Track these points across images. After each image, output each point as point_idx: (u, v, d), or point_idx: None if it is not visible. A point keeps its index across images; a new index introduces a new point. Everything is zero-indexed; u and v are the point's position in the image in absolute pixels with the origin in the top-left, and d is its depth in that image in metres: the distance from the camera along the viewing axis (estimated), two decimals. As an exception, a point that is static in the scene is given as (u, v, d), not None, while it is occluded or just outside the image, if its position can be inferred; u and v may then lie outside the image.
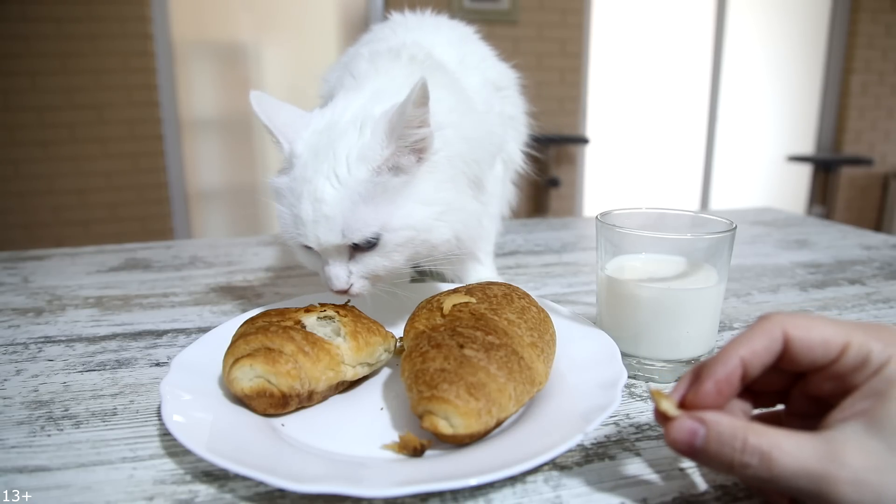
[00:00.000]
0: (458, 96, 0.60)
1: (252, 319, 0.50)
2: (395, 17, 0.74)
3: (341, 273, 0.53)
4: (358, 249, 0.53)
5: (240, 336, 0.48)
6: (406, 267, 0.55)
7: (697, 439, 0.32)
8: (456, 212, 0.54)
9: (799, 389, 0.37)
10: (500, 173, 0.76)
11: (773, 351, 0.34)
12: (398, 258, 0.53)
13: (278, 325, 0.47)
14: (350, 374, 0.48)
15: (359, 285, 0.54)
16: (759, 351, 0.34)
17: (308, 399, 0.46)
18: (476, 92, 0.65)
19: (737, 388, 0.34)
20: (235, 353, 0.46)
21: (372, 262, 0.53)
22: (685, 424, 0.33)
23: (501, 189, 0.78)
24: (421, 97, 0.48)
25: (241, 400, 0.45)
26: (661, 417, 0.34)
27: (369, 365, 0.49)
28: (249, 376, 0.44)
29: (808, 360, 0.33)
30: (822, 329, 0.33)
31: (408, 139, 0.51)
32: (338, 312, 0.50)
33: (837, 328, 0.33)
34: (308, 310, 0.50)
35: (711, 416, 0.32)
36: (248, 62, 3.27)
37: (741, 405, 0.37)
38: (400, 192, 0.52)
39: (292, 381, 0.44)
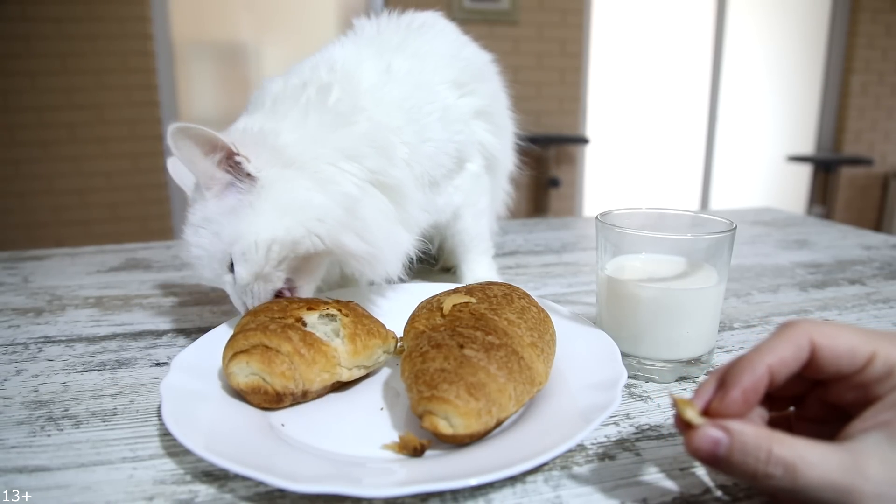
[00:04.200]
0: (321, 116, 0.59)
1: (255, 311, 0.50)
2: (358, 23, 0.72)
3: (236, 300, 0.57)
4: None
5: (241, 329, 0.48)
6: (286, 270, 0.56)
7: (721, 449, 0.31)
8: (300, 210, 0.54)
9: (816, 396, 0.36)
10: (475, 169, 0.74)
11: (800, 359, 0.33)
12: (250, 269, 0.54)
13: (279, 322, 0.47)
14: (346, 375, 0.48)
15: (251, 299, 0.56)
16: (786, 359, 0.33)
17: (302, 396, 0.47)
18: (393, 104, 0.63)
19: (762, 396, 0.34)
20: (234, 346, 0.46)
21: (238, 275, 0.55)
22: (708, 433, 0.32)
23: (482, 184, 0.76)
24: (172, 145, 0.52)
25: (241, 394, 0.46)
26: (683, 425, 0.34)
27: (366, 367, 0.50)
28: (245, 372, 0.45)
29: (833, 368, 0.33)
30: (849, 338, 0.33)
31: (197, 169, 0.54)
32: (340, 311, 0.50)
33: (864, 337, 0.33)
34: (311, 307, 0.50)
35: (736, 426, 0.32)
36: (248, 62, 3.27)
37: (758, 410, 0.37)
38: (237, 211, 0.54)
39: (286, 382, 0.45)
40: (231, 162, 0.54)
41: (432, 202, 0.69)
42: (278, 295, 0.57)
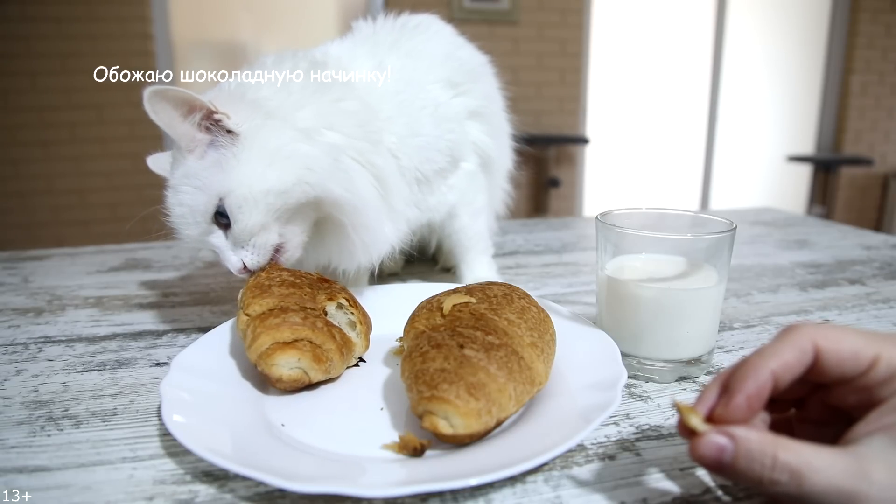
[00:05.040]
0: (307, 81, 0.59)
1: (283, 294, 0.51)
2: (356, 25, 0.72)
3: (231, 257, 0.56)
4: (226, 227, 0.55)
5: (281, 315, 0.48)
6: (279, 223, 0.56)
7: (726, 455, 0.31)
8: (287, 158, 0.54)
9: (818, 398, 0.36)
10: (471, 168, 0.74)
11: (804, 364, 0.33)
12: (250, 220, 0.54)
13: (316, 315, 0.50)
14: (352, 363, 0.53)
15: (252, 262, 0.56)
16: (790, 364, 0.33)
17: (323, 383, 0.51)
18: (385, 97, 0.64)
19: (765, 401, 0.34)
20: (277, 336, 0.47)
21: (235, 232, 0.55)
22: (713, 440, 0.32)
23: (478, 183, 0.75)
24: (149, 109, 0.52)
25: (265, 377, 0.47)
26: (687, 432, 0.34)
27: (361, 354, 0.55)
28: (292, 365, 0.47)
29: (837, 372, 0.33)
30: (853, 341, 0.33)
31: (177, 132, 0.54)
32: (347, 301, 0.54)
33: (868, 340, 0.33)
34: (329, 297, 0.54)
35: (741, 432, 0.31)
36: (248, 62, 3.26)
37: (760, 414, 0.36)
38: (221, 164, 0.54)
39: (323, 375, 0.49)
40: (211, 121, 0.54)
41: (423, 200, 0.69)
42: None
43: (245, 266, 0.56)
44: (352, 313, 0.54)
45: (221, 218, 0.55)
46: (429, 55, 0.70)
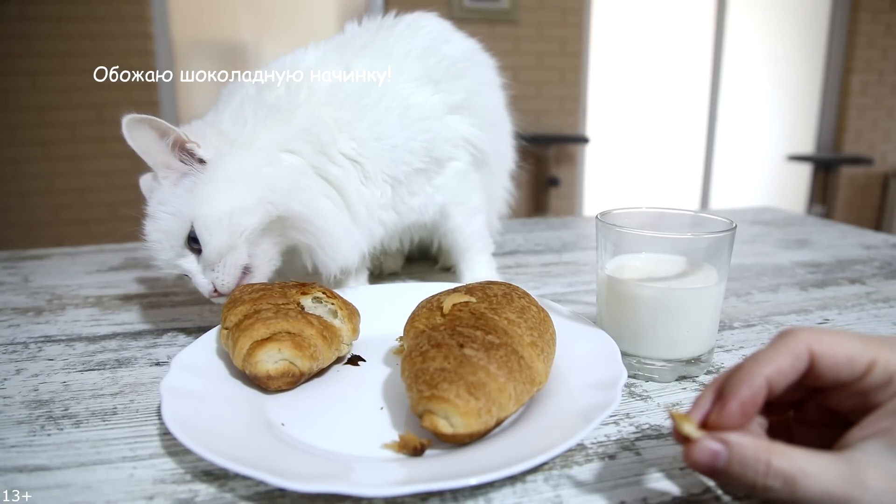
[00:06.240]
0: (256, 110, 0.61)
1: (254, 299, 0.52)
2: (346, 26, 0.72)
3: (201, 280, 0.59)
4: (199, 252, 0.58)
5: (246, 317, 0.50)
6: (247, 246, 0.59)
7: (719, 461, 0.31)
8: (249, 180, 0.58)
9: (815, 401, 0.36)
10: (460, 167, 0.72)
11: (799, 369, 0.33)
12: (218, 241, 0.56)
13: (288, 308, 0.51)
14: (345, 351, 0.53)
15: (221, 283, 0.58)
16: (784, 370, 0.33)
17: (315, 375, 0.51)
18: (346, 102, 0.64)
19: (760, 407, 0.34)
20: (252, 335, 0.48)
21: (204, 256, 0.58)
22: (707, 446, 0.32)
23: (470, 182, 0.74)
24: (127, 136, 0.56)
25: (257, 379, 0.47)
26: (682, 438, 0.34)
27: (353, 342, 0.55)
28: (275, 359, 0.47)
29: (832, 377, 0.33)
30: (848, 346, 0.32)
31: (153, 160, 0.58)
32: (325, 294, 0.54)
33: (864, 345, 0.32)
34: (303, 292, 0.54)
35: (735, 438, 0.32)
36: (248, 62, 3.27)
37: (757, 418, 0.36)
38: (192, 190, 0.57)
39: (312, 363, 0.49)
40: (184, 151, 0.58)
41: (402, 202, 0.68)
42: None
43: (215, 289, 0.58)
44: (331, 303, 0.54)
45: (194, 243, 0.58)
46: (402, 54, 0.68)
